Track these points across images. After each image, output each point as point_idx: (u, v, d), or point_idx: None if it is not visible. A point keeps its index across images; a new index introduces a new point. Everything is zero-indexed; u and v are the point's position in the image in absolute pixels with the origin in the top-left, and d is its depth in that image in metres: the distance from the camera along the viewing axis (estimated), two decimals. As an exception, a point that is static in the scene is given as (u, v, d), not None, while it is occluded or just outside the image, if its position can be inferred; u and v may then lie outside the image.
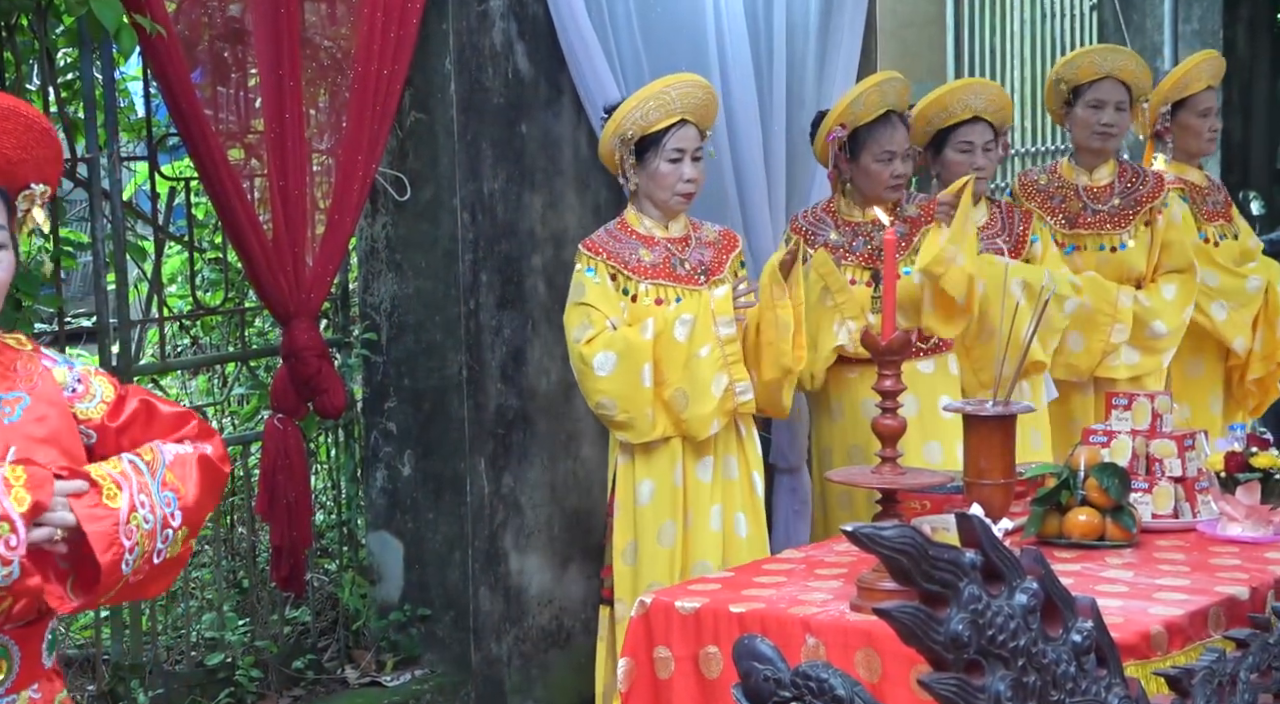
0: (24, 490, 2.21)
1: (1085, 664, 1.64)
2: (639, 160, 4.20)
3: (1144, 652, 2.80)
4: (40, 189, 2.38)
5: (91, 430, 2.43)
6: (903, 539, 1.54)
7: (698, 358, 4.10)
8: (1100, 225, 5.04)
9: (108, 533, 2.27)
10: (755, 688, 1.57)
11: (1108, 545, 3.41)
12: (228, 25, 4.20)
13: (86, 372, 2.47)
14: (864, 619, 2.89)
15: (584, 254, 4.21)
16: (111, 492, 2.30)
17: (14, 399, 2.36)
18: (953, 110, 4.79)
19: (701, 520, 4.22)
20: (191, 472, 2.43)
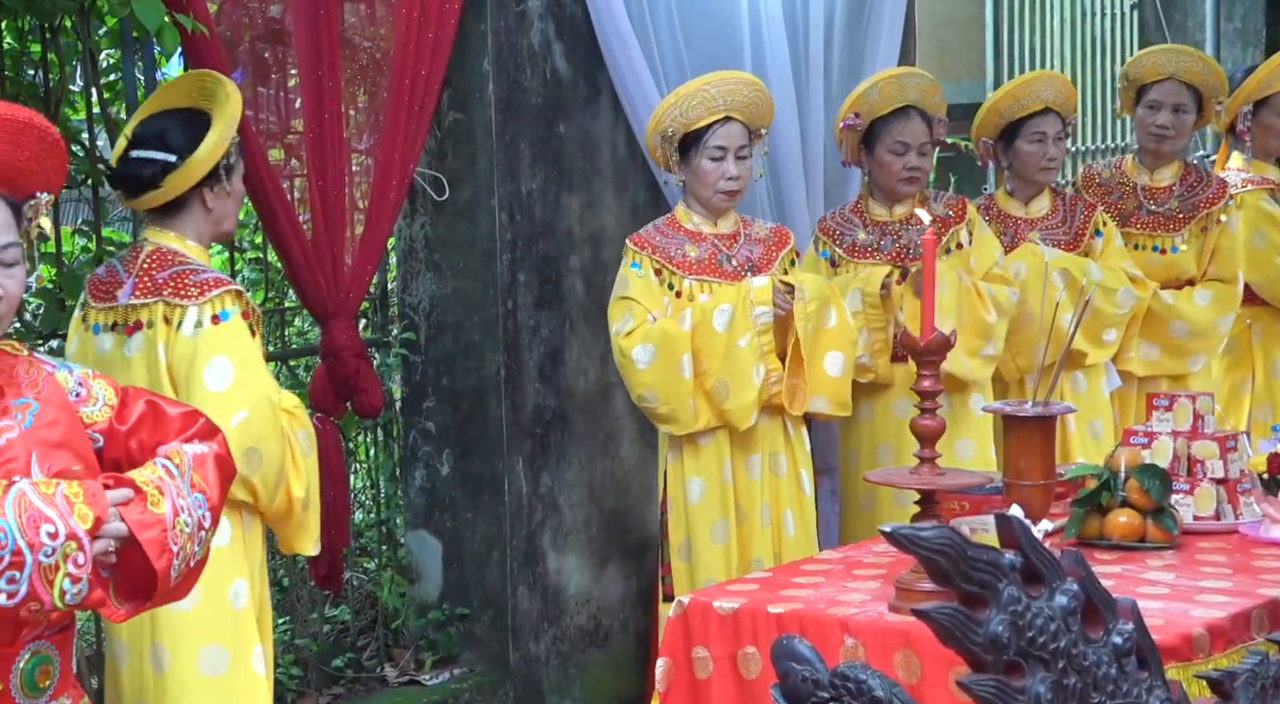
0: (85, 506, 2.22)
1: (1126, 666, 1.63)
2: (683, 157, 4.19)
3: (1185, 654, 2.78)
4: (46, 197, 2.39)
5: (99, 434, 2.43)
6: (941, 540, 1.53)
7: (737, 347, 4.11)
8: (1154, 226, 5.04)
9: (159, 540, 2.29)
10: (793, 688, 1.56)
11: (1149, 547, 3.39)
12: (268, 26, 4.22)
13: (85, 375, 2.47)
14: (902, 620, 2.88)
15: (630, 249, 4.21)
16: (155, 498, 2.32)
17: (23, 405, 2.36)
18: (1025, 101, 4.80)
19: (753, 517, 4.22)
20: (211, 471, 2.45)
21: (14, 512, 2.16)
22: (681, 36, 4.93)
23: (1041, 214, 4.86)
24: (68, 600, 2.19)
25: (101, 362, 3.30)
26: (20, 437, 2.31)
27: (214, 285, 3.27)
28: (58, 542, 2.17)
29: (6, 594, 2.14)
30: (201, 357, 3.23)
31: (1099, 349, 4.78)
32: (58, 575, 2.17)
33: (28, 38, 4.31)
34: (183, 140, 3.34)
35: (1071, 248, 4.79)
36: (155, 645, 3.26)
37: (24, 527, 2.15)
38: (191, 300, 3.25)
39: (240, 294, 3.31)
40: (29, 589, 2.15)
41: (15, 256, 2.32)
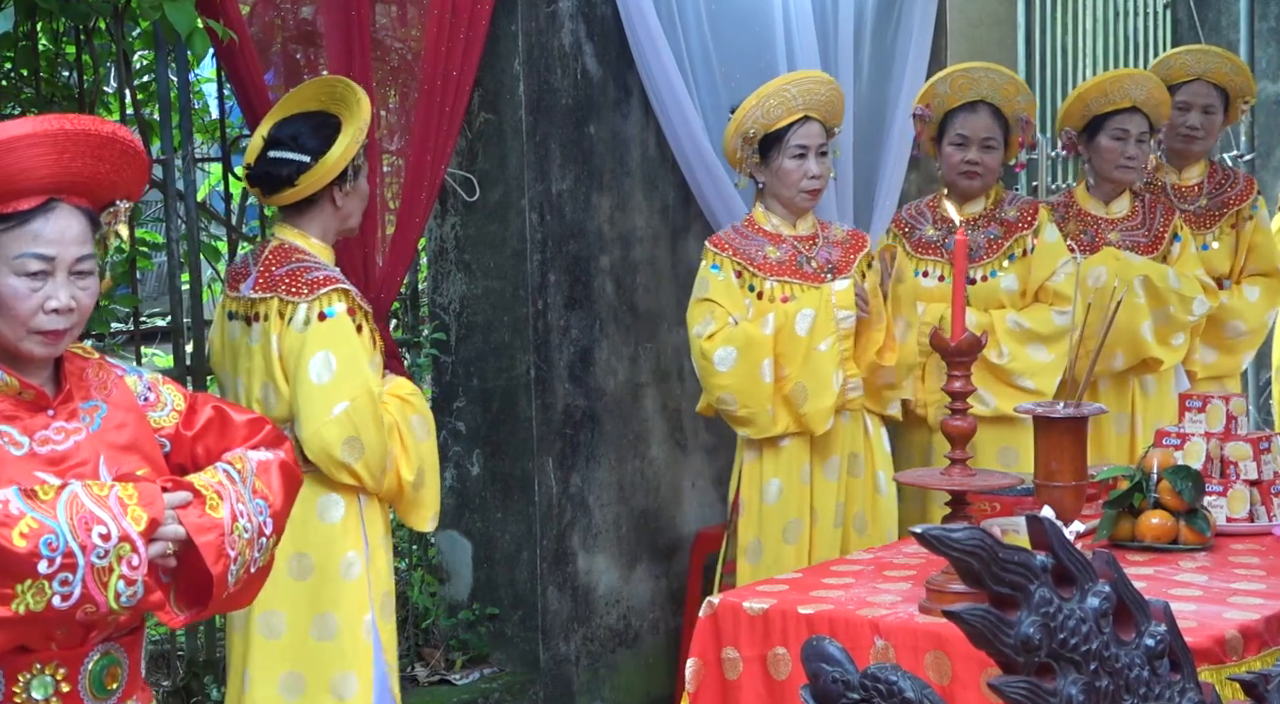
0: (139, 508, 2.22)
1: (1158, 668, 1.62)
2: (763, 158, 4.18)
3: (1218, 656, 2.77)
4: (124, 205, 2.41)
5: (165, 439, 2.44)
6: (973, 541, 1.53)
7: (818, 352, 4.09)
8: (1186, 223, 5.01)
9: (216, 544, 2.29)
10: (824, 690, 1.56)
11: (1181, 549, 3.37)
12: (300, 27, 4.23)
13: (155, 380, 2.49)
14: (933, 621, 2.87)
15: (710, 250, 4.20)
16: (214, 502, 2.32)
17: (92, 408, 2.37)
18: (1112, 97, 4.75)
19: (825, 518, 4.20)
20: (275, 478, 2.44)
21: (66, 513, 2.16)
22: (711, 37, 4.93)
23: (1121, 215, 4.82)
24: (123, 602, 2.19)
25: (233, 347, 3.63)
26: (89, 439, 2.33)
27: (323, 284, 3.49)
28: (110, 543, 2.17)
29: (61, 596, 2.14)
30: (308, 351, 3.45)
31: (1171, 353, 4.76)
32: (112, 577, 2.17)
33: (63, 39, 4.34)
34: (315, 142, 3.55)
35: (1150, 251, 4.77)
36: (269, 613, 3.48)
37: (75, 528, 2.15)
38: (302, 297, 3.47)
39: (347, 292, 3.51)
40: (83, 591, 2.15)
41: (90, 268, 2.35)
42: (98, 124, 2.35)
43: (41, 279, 2.30)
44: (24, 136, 2.27)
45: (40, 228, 2.30)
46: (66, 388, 2.37)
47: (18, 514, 2.14)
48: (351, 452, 3.44)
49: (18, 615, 2.14)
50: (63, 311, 2.30)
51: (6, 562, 2.12)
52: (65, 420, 2.34)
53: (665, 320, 4.98)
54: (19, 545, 2.11)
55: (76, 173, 2.32)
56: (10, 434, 2.29)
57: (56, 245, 2.30)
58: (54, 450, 2.30)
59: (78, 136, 2.30)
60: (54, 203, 2.31)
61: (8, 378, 2.31)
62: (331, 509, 3.51)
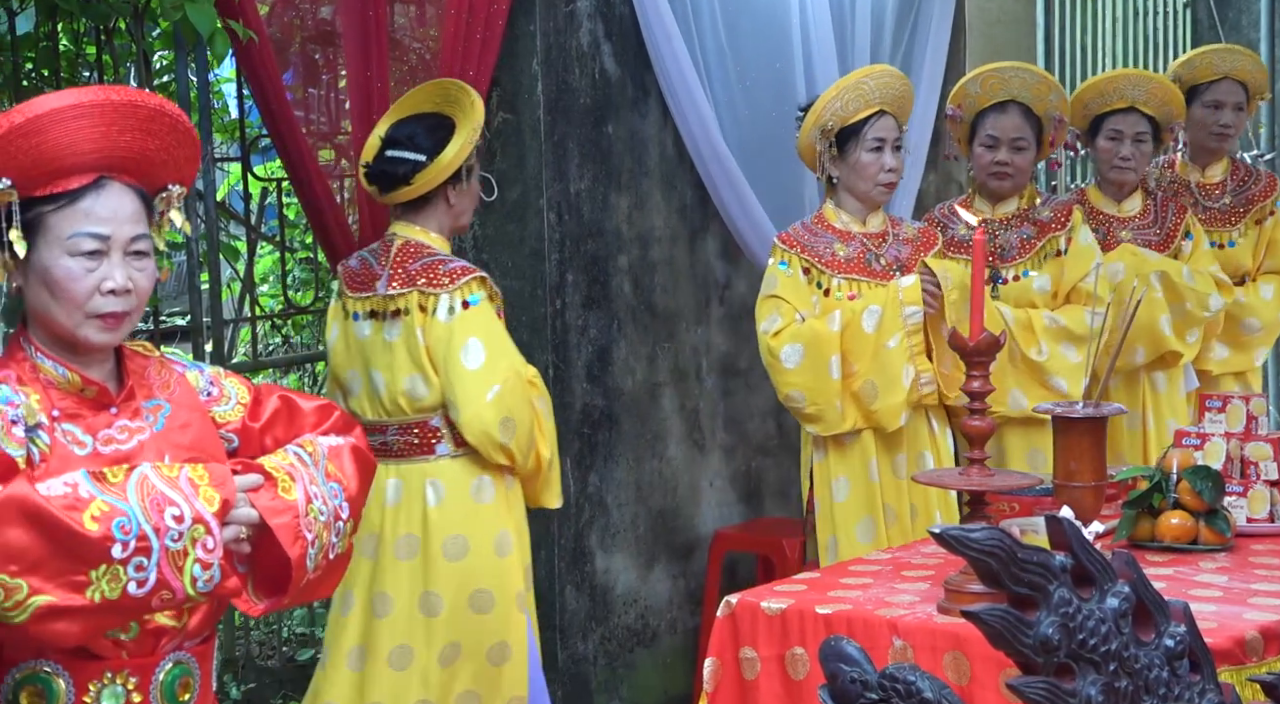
0: (211, 489, 2.14)
1: (1178, 669, 1.61)
2: (840, 152, 4.16)
3: (1239, 657, 2.76)
4: (177, 190, 2.31)
5: (233, 434, 2.37)
6: (991, 541, 1.52)
7: (887, 348, 4.07)
8: (1210, 222, 5.03)
9: (291, 526, 2.21)
10: (842, 690, 1.56)
11: (1201, 549, 3.36)
12: (318, 27, 4.24)
13: (217, 374, 2.42)
14: (952, 621, 2.87)
15: (778, 247, 4.17)
16: (286, 484, 2.23)
17: (154, 407, 2.30)
18: (1108, 98, 4.75)
19: (903, 516, 4.17)
20: (348, 462, 2.36)
21: (137, 495, 2.09)
22: (727, 37, 4.93)
23: (1133, 213, 4.82)
24: (199, 587, 2.11)
25: (362, 346, 3.76)
26: (152, 439, 2.26)
27: (462, 274, 3.66)
28: (184, 525, 2.09)
29: (136, 582, 2.06)
30: (457, 339, 3.62)
31: (1187, 349, 4.76)
32: (187, 561, 2.09)
33: (84, 40, 4.35)
34: (430, 143, 3.71)
35: (1162, 248, 4.77)
36: (427, 594, 3.68)
37: (148, 510, 2.08)
38: (443, 288, 3.64)
39: (485, 280, 3.69)
40: (158, 576, 2.08)
41: (146, 248, 2.26)
42: (144, 96, 2.25)
43: (96, 259, 2.21)
44: (68, 108, 2.17)
45: (92, 205, 2.21)
46: (129, 385, 2.29)
47: (88, 497, 2.06)
48: (507, 432, 3.63)
49: (94, 603, 2.05)
50: (120, 292, 2.21)
51: (79, 547, 2.04)
52: (129, 419, 2.26)
53: (683, 320, 4.97)
54: (91, 529, 2.04)
55: (125, 148, 2.22)
56: (74, 433, 2.21)
57: (110, 223, 2.22)
58: (118, 450, 2.22)
59: (124, 108, 2.21)
60: (104, 180, 2.23)
61: (69, 374, 2.24)
62: (484, 491, 3.72)
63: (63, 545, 2.03)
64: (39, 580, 2.02)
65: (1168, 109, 4.75)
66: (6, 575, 2.01)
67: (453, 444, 3.70)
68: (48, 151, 2.17)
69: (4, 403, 2.15)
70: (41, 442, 2.17)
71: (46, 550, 2.02)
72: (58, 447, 2.17)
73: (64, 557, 2.03)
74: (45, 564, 2.02)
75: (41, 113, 2.16)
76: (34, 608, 2.03)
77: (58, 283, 2.20)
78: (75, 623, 2.06)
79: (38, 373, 2.23)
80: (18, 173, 2.17)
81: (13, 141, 2.15)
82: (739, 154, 4.92)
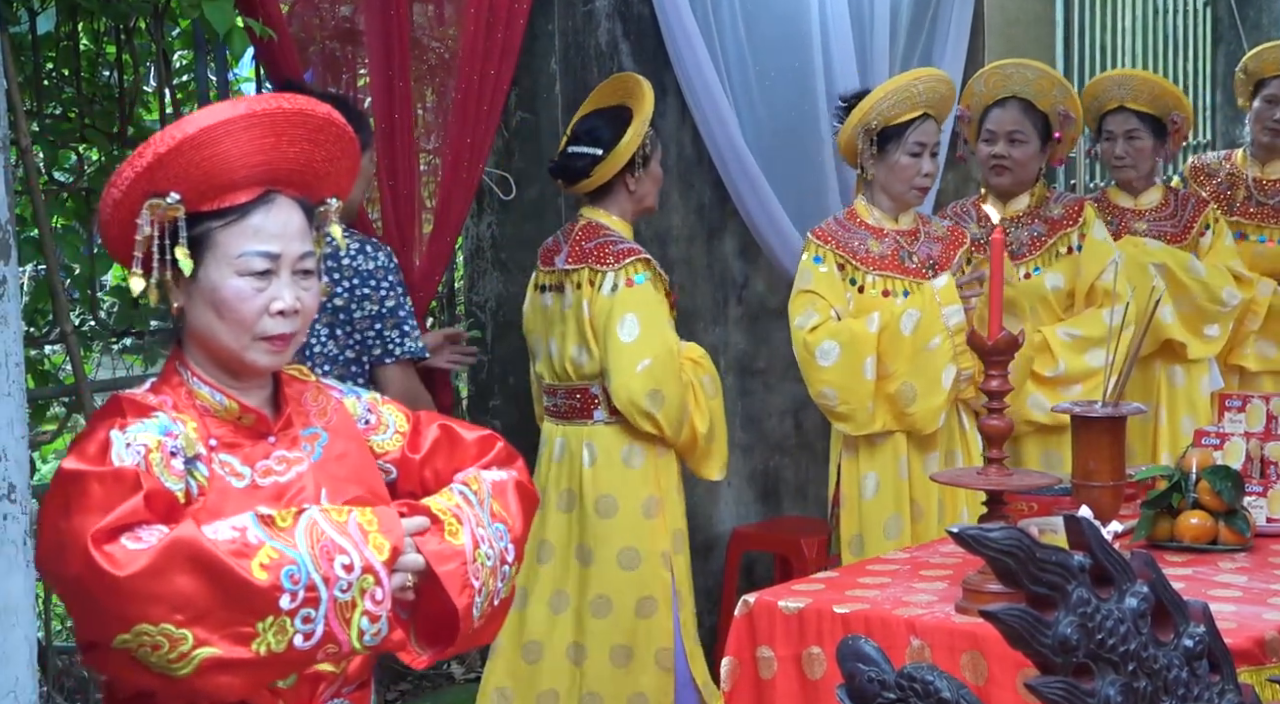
0: (381, 536, 2.01)
1: (1197, 670, 1.61)
2: (880, 151, 4.13)
3: (1258, 658, 2.74)
4: (336, 203, 2.20)
5: (391, 465, 2.25)
6: (1010, 541, 1.52)
7: (928, 351, 4.02)
8: (1263, 217, 5.05)
9: (459, 574, 2.07)
10: (859, 689, 1.55)
11: (1220, 549, 3.35)
12: (339, 26, 4.25)
13: (374, 400, 2.30)
14: (970, 621, 2.86)
15: (813, 242, 4.14)
16: (453, 527, 2.10)
17: (312, 436, 2.18)
18: (1101, 100, 4.82)
19: (930, 513, 4.14)
20: (513, 500, 2.22)
21: (306, 542, 1.96)
22: (746, 37, 4.93)
23: (1151, 206, 4.84)
24: (366, 641, 1.98)
25: (545, 315, 4.14)
26: (310, 471, 2.14)
27: (628, 254, 4.00)
28: (353, 575, 1.96)
29: (303, 635, 1.94)
30: (616, 313, 3.95)
31: (1203, 344, 4.74)
32: (355, 613, 1.96)
33: (104, 39, 4.36)
34: (609, 135, 4.03)
35: (1177, 241, 4.77)
36: (581, 545, 4.05)
37: (317, 558, 1.95)
38: (609, 266, 3.98)
39: (649, 261, 4.00)
40: (326, 629, 1.95)
41: (312, 266, 2.14)
42: (314, 104, 2.13)
43: (266, 279, 2.09)
44: (238, 118, 2.06)
45: (261, 222, 2.09)
46: (287, 413, 2.17)
47: (256, 543, 1.94)
48: (655, 403, 3.94)
49: (258, 657, 1.93)
50: (288, 313, 2.09)
51: (248, 596, 1.91)
52: (287, 449, 2.14)
53: (701, 319, 4.97)
54: (260, 578, 1.91)
55: (293, 160, 2.11)
56: (231, 464, 2.10)
57: (280, 241, 2.09)
58: (276, 483, 2.11)
59: (295, 117, 2.09)
60: (272, 194, 2.11)
61: (227, 401, 2.12)
62: (635, 457, 4.06)
63: (230, 595, 1.91)
64: (204, 631, 1.90)
65: (1162, 102, 4.77)
66: (172, 625, 1.90)
67: (607, 411, 4.06)
68: (218, 164, 2.05)
69: (162, 433, 2.03)
70: (200, 474, 2.06)
71: (214, 600, 1.90)
72: (215, 479, 2.07)
73: (231, 607, 1.91)
74: (211, 614, 1.91)
75: (213, 123, 2.04)
76: (199, 661, 1.91)
77: (226, 303, 2.08)
78: (239, 676, 1.95)
79: (194, 399, 2.12)
80: (187, 186, 2.05)
81: (183, 154, 2.03)
82: (758, 153, 4.92)
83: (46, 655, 4.12)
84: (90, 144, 4.25)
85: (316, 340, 3.66)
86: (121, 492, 1.95)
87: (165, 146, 2.03)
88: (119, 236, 2.10)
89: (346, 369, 3.68)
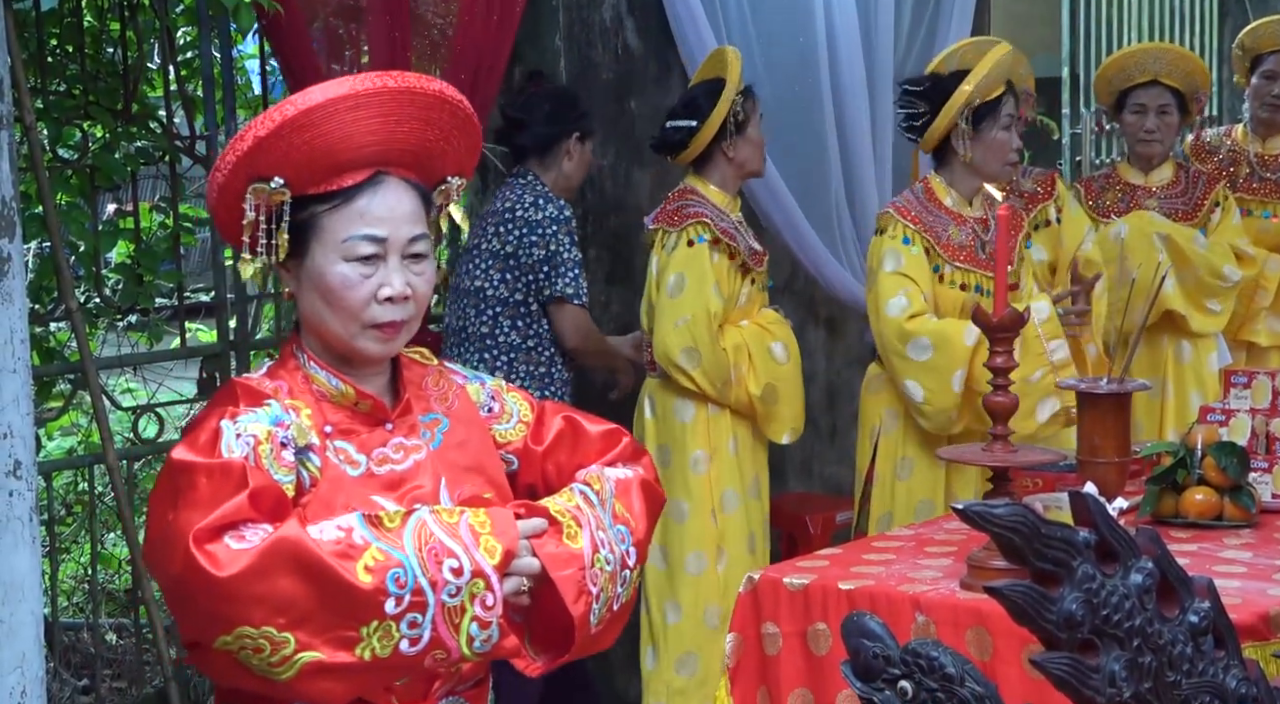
0: (493, 538, 1.93)
1: (1202, 645, 1.61)
2: (975, 129, 4.03)
3: (1263, 633, 2.75)
4: (457, 182, 2.11)
5: (513, 456, 2.17)
6: (1015, 517, 1.52)
7: (1028, 382, 3.83)
8: (1267, 193, 5.06)
9: (575, 579, 1.99)
10: (865, 665, 1.56)
11: (1226, 525, 3.35)
12: (341, 3, 4.24)
13: (498, 387, 2.21)
14: (975, 597, 2.86)
15: (899, 221, 4.01)
16: (572, 530, 2.01)
17: (432, 422, 2.10)
18: (1130, 73, 4.79)
19: (965, 497, 4.04)
20: (636, 500, 2.13)
21: (413, 544, 1.89)
22: (750, 14, 4.91)
23: (1162, 183, 4.85)
24: (475, 648, 1.91)
25: (647, 273, 4.30)
26: (429, 459, 2.06)
27: (693, 217, 4.15)
28: (462, 579, 1.89)
29: (409, 640, 1.87)
30: (668, 270, 4.13)
31: (1205, 318, 4.74)
32: (464, 619, 1.89)
33: (108, 15, 4.36)
34: (704, 107, 4.20)
35: (1188, 218, 4.78)
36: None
37: (425, 561, 1.88)
38: (676, 227, 4.15)
39: (708, 225, 4.12)
40: (433, 634, 1.88)
41: (424, 250, 2.05)
42: (424, 81, 2.03)
43: (373, 264, 2.01)
44: (344, 98, 1.96)
45: (368, 205, 2.01)
46: (405, 398, 2.09)
47: (362, 544, 1.87)
48: (690, 360, 4.10)
49: (362, 662, 1.86)
50: (398, 300, 2.01)
51: (351, 600, 1.85)
52: (404, 436, 2.07)
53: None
54: (364, 581, 1.84)
55: (403, 140, 2.02)
56: (347, 451, 2.02)
57: (388, 225, 2.01)
58: (392, 471, 2.03)
59: (403, 95, 1.99)
60: (381, 176, 2.02)
61: (343, 386, 2.05)
62: (683, 411, 4.20)
63: (334, 598, 1.85)
64: (307, 635, 1.84)
65: (1192, 80, 4.76)
66: (274, 628, 1.84)
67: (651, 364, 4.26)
68: (323, 146, 1.97)
69: (273, 423, 1.97)
70: (312, 464, 1.99)
71: (316, 602, 1.84)
72: (329, 468, 2.00)
73: (334, 610, 1.85)
74: (314, 617, 1.84)
75: (316, 104, 1.95)
76: (301, 665, 1.85)
77: (332, 290, 2.01)
78: (342, 682, 1.88)
79: (310, 384, 2.05)
80: (291, 170, 1.98)
81: (285, 137, 1.95)
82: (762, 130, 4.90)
83: (53, 631, 4.13)
84: (94, 121, 4.25)
85: (489, 284, 4.19)
86: (228, 487, 1.89)
87: (265, 130, 1.97)
88: (227, 220, 2.04)
89: (517, 310, 4.19)
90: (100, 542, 4.66)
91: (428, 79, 2.03)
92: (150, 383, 5.21)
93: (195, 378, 4.61)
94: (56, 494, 4.50)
